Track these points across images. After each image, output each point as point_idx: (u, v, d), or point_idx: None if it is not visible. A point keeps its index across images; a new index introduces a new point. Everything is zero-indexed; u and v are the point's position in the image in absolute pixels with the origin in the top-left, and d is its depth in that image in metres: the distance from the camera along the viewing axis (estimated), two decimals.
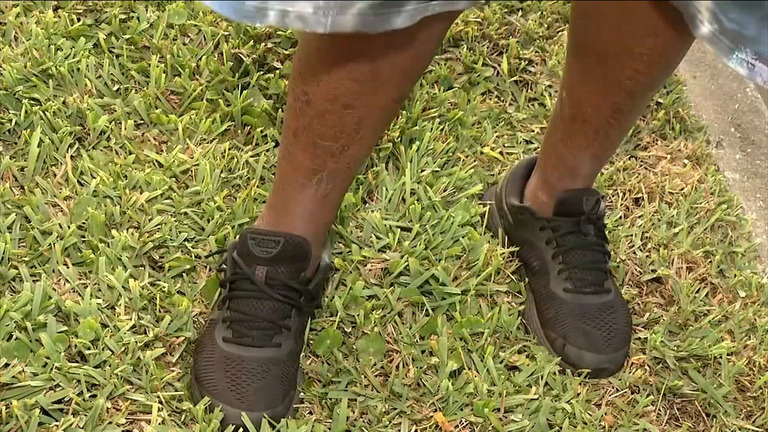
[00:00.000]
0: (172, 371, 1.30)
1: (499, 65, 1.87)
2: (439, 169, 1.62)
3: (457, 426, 1.32)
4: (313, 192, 1.26)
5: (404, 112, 1.69)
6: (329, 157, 1.22)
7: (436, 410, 1.32)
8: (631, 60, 1.25)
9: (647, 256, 1.61)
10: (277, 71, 1.73)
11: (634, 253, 1.61)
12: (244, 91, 1.67)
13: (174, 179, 1.52)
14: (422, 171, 1.61)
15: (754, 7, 1.05)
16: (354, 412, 1.30)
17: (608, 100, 1.32)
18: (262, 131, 1.62)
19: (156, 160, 1.54)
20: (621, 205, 1.70)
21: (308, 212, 1.28)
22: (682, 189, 1.75)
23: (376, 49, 1.07)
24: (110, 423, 1.22)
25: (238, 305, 1.29)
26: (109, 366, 1.26)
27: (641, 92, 1.30)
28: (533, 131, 1.78)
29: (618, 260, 1.58)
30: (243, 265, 1.29)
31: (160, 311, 1.34)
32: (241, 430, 1.23)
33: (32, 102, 1.58)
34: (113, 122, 1.57)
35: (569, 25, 1.34)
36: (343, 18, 1.01)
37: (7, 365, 1.23)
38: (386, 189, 1.56)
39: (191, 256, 1.42)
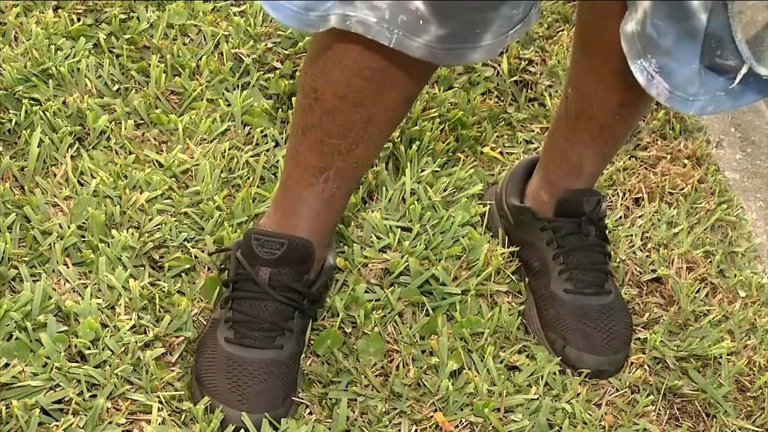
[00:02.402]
0: (172, 371, 1.30)
1: (499, 65, 1.87)
2: (439, 169, 1.62)
3: (457, 426, 1.32)
4: (320, 191, 1.26)
5: None
6: (337, 155, 1.22)
7: (436, 410, 1.32)
8: None
9: (647, 256, 1.61)
10: (277, 71, 1.73)
11: (634, 253, 1.61)
12: (244, 91, 1.67)
13: (174, 179, 1.52)
14: (422, 171, 1.61)
15: (679, 19, 1.07)
16: (354, 412, 1.30)
17: (614, 96, 1.32)
18: (262, 131, 1.62)
19: (156, 160, 1.54)
20: (621, 205, 1.70)
21: (314, 212, 1.28)
22: (682, 189, 1.75)
23: (388, 48, 1.08)
24: (110, 423, 1.22)
25: (241, 306, 1.29)
26: (109, 366, 1.26)
27: None
28: (533, 131, 1.78)
29: (618, 260, 1.58)
30: (246, 265, 1.29)
31: (160, 311, 1.34)
32: (242, 431, 1.23)
33: (32, 102, 1.58)
34: (113, 122, 1.57)
35: (576, 20, 1.34)
36: (409, 42, 1.06)
37: (7, 365, 1.23)
38: (386, 189, 1.56)
39: (191, 256, 1.42)
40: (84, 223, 1.41)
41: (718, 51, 1.09)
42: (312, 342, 1.36)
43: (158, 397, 1.25)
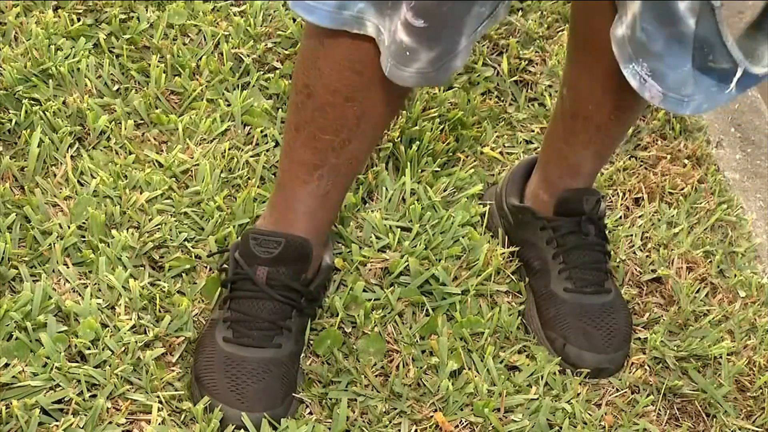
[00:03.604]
0: (172, 371, 1.30)
1: (499, 65, 1.87)
2: (439, 169, 1.62)
3: (457, 426, 1.32)
4: (315, 188, 1.26)
5: (404, 112, 1.69)
6: (330, 151, 1.22)
7: (436, 410, 1.32)
8: None
9: (647, 256, 1.61)
10: (277, 71, 1.73)
11: (634, 253, 1.61)
12: (244, 91, 1.67)
13: (174, 179, 1.52)
14: (422, 171, 1.61)
15: (667, 23, 1.07)
16: (354, 412, 1.30)
17: (609, 97, 1.32)
18: (262, 131, 1.62)
19: (156, 160, 1.54)
20: (621, 205, 1.70)
21: (310, 210, 1.28)
22: (682, 189, 1.75)
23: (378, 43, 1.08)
24: (110, 423, 1.22)
25: (239, 305, 1.29)
26: (109, 366, 1.26)
27: None
28: (533, 131, 1.78)
29: (618, 260, 1.58)
30: (244, 265, 1.29)
31: (160, 311, 1.34)
32: (242, 430, 1.23)
33: (32, 102, 1.58)
34: (113, 122, 1.57)
35: (570, 20, 1.34)
36: (400, 72, 1.08)
37: (7, 365, 1.23)
38: (386, 189, 1.56)
39: (191, 256, 1.42)
40: (84, 223, 1.41)
41: (710, 56, 1.09)
42: (312, 342, 1.36)
43: (158, 397, 1.25)
